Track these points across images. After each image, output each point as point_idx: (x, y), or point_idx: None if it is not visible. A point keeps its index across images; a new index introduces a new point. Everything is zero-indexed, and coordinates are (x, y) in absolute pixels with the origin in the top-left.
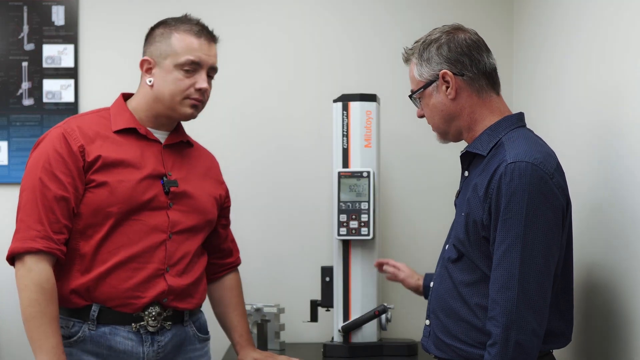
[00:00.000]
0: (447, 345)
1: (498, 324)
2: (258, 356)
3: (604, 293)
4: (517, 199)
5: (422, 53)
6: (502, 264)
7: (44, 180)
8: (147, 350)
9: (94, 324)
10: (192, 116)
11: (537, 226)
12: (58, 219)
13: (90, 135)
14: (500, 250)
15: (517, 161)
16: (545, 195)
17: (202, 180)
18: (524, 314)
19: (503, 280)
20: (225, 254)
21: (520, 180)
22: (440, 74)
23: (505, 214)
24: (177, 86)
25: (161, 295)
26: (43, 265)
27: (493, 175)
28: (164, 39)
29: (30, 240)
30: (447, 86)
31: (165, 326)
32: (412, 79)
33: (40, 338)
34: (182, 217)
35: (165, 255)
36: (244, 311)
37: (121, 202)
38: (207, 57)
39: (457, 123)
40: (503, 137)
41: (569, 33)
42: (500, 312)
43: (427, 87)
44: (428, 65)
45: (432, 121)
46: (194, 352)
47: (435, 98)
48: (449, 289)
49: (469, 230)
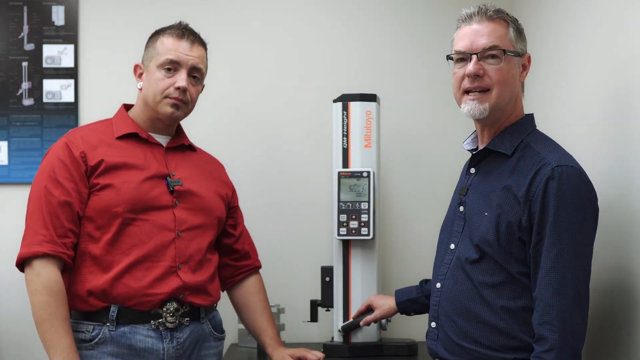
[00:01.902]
0: (463, 348)
1: (555, 329)
2: (293, 351)
3: (616, 295)
4: (567, 203)
5: (519, 26)
6: (555, 268)
7: (49, 187)
8: (167, 347)
9: (114, 324)
10: (174, 115)
11: (585, 231)
12: (62, 224)
13: (93, 142)
14: (552, 254)
15: (562, 165)
16: (590, 201)
17: (207, 180)
18: (577, 320)
19: (557, 285)
20: (241, 255)
21: (570, 185)
22: (526, 55)
23: (556, 218)
24: (157, 85)
25: (176, 291)
26: (51, 269)
27: (534, 177)
28: (152, 44)
29: (36, 245)
30: (523, 69)
31: (184, 322)
32: (499, 36)
33: (53, 339)
34: (188, 215)
35: (175, 253)
36: (271, 314)
37: (126, 201)
38: (186, 56)
39: (509, 106)
40: (526, 138)
41: (571, 29)
42: (557, 317)
43: (517, 56)
44: (522, 39)
45: (501, 87)
46: (209, 349)
47: (515, 70)
48: (467, 291)
49: (500, 232)
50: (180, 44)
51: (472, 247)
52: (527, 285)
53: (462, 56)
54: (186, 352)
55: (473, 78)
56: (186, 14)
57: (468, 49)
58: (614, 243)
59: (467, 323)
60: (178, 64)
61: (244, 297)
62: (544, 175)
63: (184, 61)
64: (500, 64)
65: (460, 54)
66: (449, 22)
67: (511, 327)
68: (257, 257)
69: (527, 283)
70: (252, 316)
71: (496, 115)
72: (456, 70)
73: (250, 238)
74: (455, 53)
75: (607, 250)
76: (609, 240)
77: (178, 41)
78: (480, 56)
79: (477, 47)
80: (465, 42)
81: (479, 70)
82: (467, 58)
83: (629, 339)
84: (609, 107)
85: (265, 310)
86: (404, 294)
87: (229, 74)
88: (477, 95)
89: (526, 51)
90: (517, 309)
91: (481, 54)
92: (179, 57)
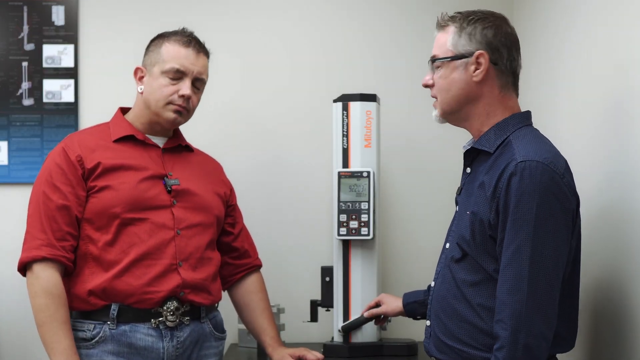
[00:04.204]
0: (449, 347)
1: (506, 327)
2: (292, 351)
3: (612, 296)
4: (527, 198)
5: (466, 26)
6: (511, 265)
7: (47, 192)
8: (167, 346)
9: (114, 322)
10: (176, 121)
11: (547, 227)
12: (60, 227)
13: (90, 146)
14: (509, 250)
15: (527, 160)
16: (556, 196)
17: (204, 179)
18: (533, 317)
19: (512, 282)
20: (240, 253)
21: (531, 180)
22: (476, 54)
23: (515, 213)
24: (161, 92)
25: (176, 288)
26: (50, 272)
27: (502, 174)
28: (155, 49)
29: (35, 249)
30: (476, 67)
31: (184, 321)
32: (439, 45)
33: (53, 341)
34: (186, 214)
35: (175, 251)
36: (271, 314)
37: (124, 202)
38: (192, 66)
39: (469, 108)
40: (510, 135)
41: (569, 27)
42: (509, 314)
43: (455, 59)
44: (467, 39)
45: (443, 95)
46: (209, 349)
47: (458, 74)
48: (451, 289)
49: (475, 230)
50: (187, 53)
51: (456, 246)
52: None
53: None
54: (186, 352)
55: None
56: (186, 14)
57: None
58: (612, 244)
59: (452, 322)
60: (183, 73)
61: (244, 296)
62: (509, 171)
63: (189, 70)
64: (441, 72)
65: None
66: None
67: (491, 326)
68: (257, 255)
69: None
70: (252, 315)
71: (458, 120)
72: None
73: (250, 237)
74: None
75: (606, 252)
76: (608, 241)
77: (184, 49)
78: (432, 66)
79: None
80: None
81: (429, 80)
82: None
83: (629, 340)
84: (609, 107)
85: (266, 310)
86: (411, 296)
87: (229, 75)
88: (434, 103)
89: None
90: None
91: (431, 65)
92: (184, 67)
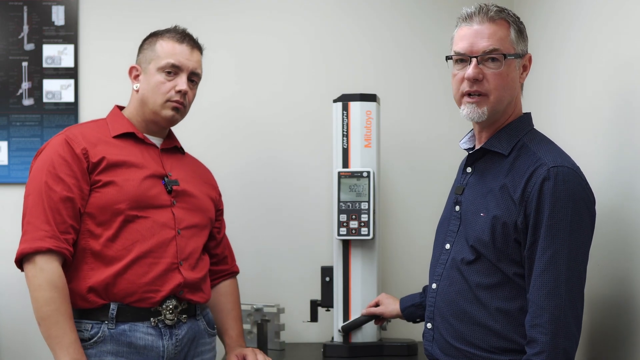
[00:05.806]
0: (458, 349)
1: (546, 332)
2: (239, 351)
3: (612, 296)
4: (562, 204)
5: (520, 26)
6: (548, 270)
7: (50, 183)
8: (166, 344)
9: (113, 322)
10: (174, 118)
11: (580, 233)
12: (64, 220)
13: (92, 140)
14: (545, 255)
15: (558, 165)
16: (585, 202)
17: (199, 182)
18: (570, 322)
19: (550, 287)
20: (219, 259)
21: (565, 186)
22: (527, 56)
23: (551, 219)
24: (158, 89)
25: (177, 287)
26: (54, 264)
27: (530, 177)
28: (150, 46)
29: (39, 240)
30: (524, 69)
31: (182, 319)
32: (498, 38)
33: (59, 335)
34: (186, 214)
35: (176, 250)
36: (238, 315)
37: (129, 198)
38: (187, 61)
39: (509, 108)
40: (523, 138)
41: (570, 27)
42: (548, 319)
43: (518, 58)
44: (523, 40)
45: (500, 92)
46: (204, 346)
47: (515, 73)
48: (463, 292)
49: (496, 233)
50: (182, 48)
51: (467, 248)
52: (522, 287)
53: (462, 57)
54: (184, 349)
55: (472, 82)
56: (186, 14)
57: (468, 51)
58: (615, 247)
59: (463, 324)
60: (179, 68)
61: (215, 298)
62: (540, 176)
63: (185, 66)
64: (501, 69)
65: (459, 56)
66: (450, 22)
67: (506, 329)
68: (234, 262)
69: (523, 284)
70: (218, 316)
71: (495, 117)
72: (455, 71)
73: (230, 244)
74: (455, 54)
75: (608, 254)
76: (610, 244)
77: (179, 45)
78: (480, 59)
79: (477, 50)
80: (464, 44)
81: (479, 74)
82: (467, 60)
83: (629, 342)
84: (610, 107)
85: (232, 311)
86: (408, 300)
87: (228, 75)
88: (476, 98)
89: (527, 51)
90: (512, 310)
91: (481, 57)
92: (180, 62)
